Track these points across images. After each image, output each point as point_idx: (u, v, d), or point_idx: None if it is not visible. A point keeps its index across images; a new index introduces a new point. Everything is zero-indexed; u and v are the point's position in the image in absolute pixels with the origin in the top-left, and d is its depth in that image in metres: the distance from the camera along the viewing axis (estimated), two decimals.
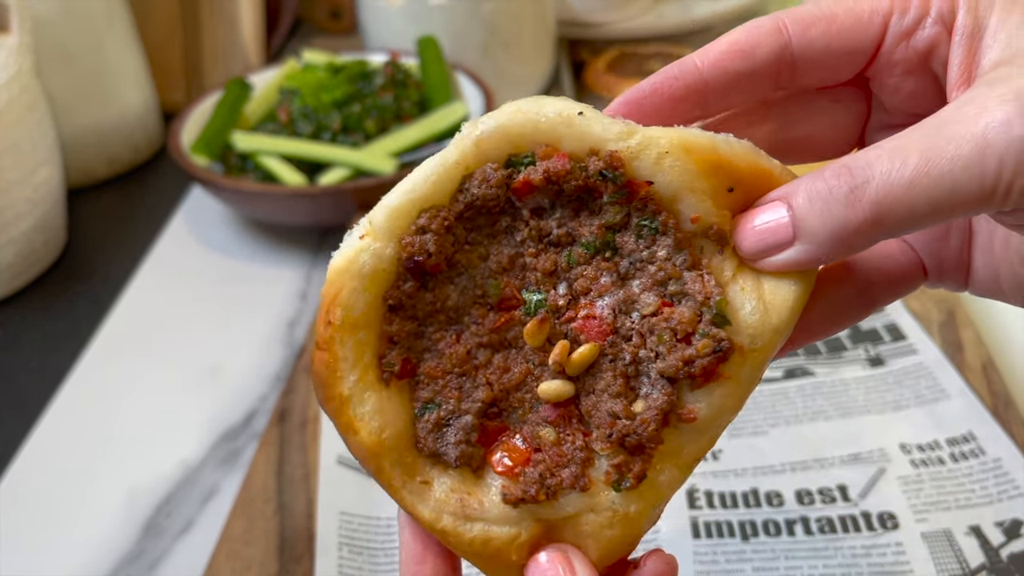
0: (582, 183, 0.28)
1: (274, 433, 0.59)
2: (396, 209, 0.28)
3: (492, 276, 0.29)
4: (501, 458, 0.28)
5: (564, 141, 0.28)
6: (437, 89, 0.92)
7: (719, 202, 0.28)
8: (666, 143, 0.28)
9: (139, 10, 1.06)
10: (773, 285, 0.28)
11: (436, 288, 0.29)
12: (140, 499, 0.61)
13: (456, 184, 0.28)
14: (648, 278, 0.28)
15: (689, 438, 0.28)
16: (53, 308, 0.81)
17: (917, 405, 0.57)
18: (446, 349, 0.29)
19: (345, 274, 0.28)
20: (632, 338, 0.28)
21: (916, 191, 0.24)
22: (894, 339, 0.62)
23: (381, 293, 0.28)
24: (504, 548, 0.28)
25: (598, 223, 0.29)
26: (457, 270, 0.29)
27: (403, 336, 0.29)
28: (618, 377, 0.28)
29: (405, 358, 0.28)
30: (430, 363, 0.29)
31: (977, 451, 0.53)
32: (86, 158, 0.98)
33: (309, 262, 0.84)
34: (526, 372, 0.29)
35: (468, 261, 0.29)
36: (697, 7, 1.20)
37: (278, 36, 1.19)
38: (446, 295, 0.29)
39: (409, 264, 0.28)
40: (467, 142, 0.28)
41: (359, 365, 0.28)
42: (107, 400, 0.69)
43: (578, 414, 0.29)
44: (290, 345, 0.74)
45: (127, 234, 0.91)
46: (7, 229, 0.78)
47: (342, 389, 0.28)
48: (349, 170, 0.83)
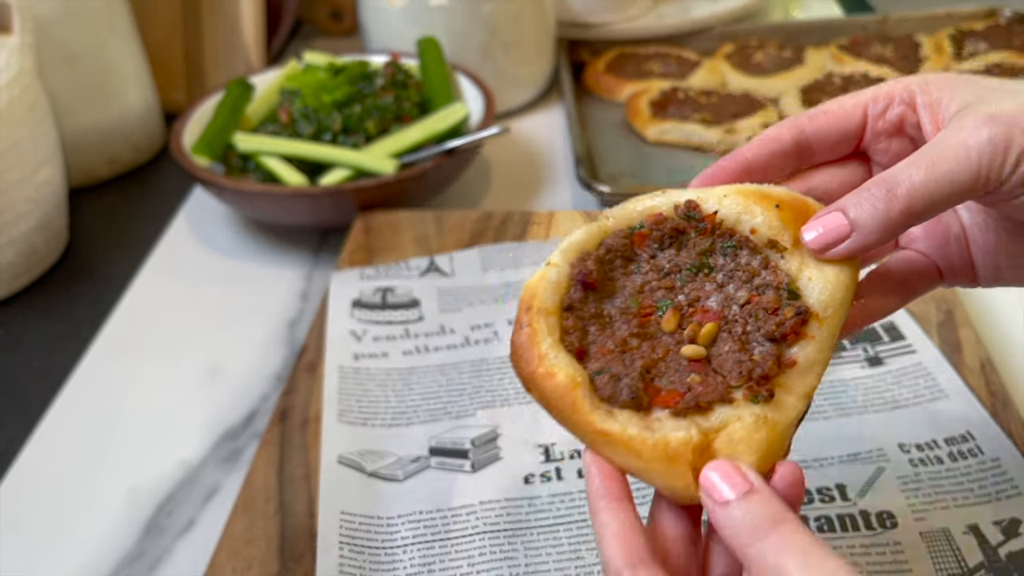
0: (675, 226, 0.41)
1: (275, 432, 0.60)
2: (568, 249, 0.42)
3: (631, 296, 0.42)
4: (663, 397, 0.38)
5: (660, 207, 0.42)
6: (437, 90, 0.92)
7: (770, 218, 0.40)
8: (724, 190, 0.41)
9: (140, 11, 1.06)
10: (831, 271, 0.39)
11: (595, 302, 0.41)
12: (141, 498, 0.61)
13: (598, 241, 0.42)
14: (738, 280, 0.41)
15: (796, 379, 0.39)
16: (55, 308, 0.82)
17: (915, 404, 0.57)
18: (607, 339, 0.40)
19: (540, 282, 0.40)
20: (738, 320, 0.40)
21: (931, 185, 0.37)
22: (892, 339, 0.62)
23: (561, 297, 0.40)
24: (682, 448, 0.36)
25: (695, 252, 0.42)
26: (606, 293, 0.42)
27: (576, 328, 0.40)
28: (736, 342, 0.39)
29: (579, 343, 0.40)
30: (597, 346, 0.40)
31: (975, 450, 0.53)
32: (87, 158, 0.98)
33: (310, 262, 0.84)
34: (667, 349, 0.40)
35: (612, 288, 0.42)
36: (697, 8, 1.20)
37: (279, 37, 1.20)
38: (601, 308, 0.41)
39: (578, 277, 0.41)
40: (604, 220, 0.43)
41: (552, 335, 0.40)
42: (109, 400, 0.70)
43: (712, 369, 0.39)
44: (291, 345, 0.74)
45: (129, 234, 0.92)
46: (8, 229, 0.79)
47: (541, 349, 0.39)
48: (350, 171, 0.83)
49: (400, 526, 0.53)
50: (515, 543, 0.51)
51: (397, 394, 0.62)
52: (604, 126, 1.02)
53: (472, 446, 0.58)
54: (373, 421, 0.60)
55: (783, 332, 0.39)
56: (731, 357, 0.39)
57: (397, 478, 0.56)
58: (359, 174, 0.83)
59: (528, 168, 0.98)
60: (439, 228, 0.79)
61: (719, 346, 0.40)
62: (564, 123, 1.06)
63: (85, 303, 0.82)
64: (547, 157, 1.00)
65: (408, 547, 0.52)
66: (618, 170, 0.94)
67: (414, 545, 0.52)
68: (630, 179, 0.92)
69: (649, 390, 0.38)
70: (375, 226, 0.79)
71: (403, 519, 0.53)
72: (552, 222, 0.79)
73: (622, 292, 0.42)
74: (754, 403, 0.37)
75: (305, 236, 0.87)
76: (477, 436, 0.59)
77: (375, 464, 0.57)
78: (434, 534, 0.52)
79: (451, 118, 0.87)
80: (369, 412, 0.61)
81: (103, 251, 0.90)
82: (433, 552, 0.51)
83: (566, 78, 1.07)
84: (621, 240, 0.42)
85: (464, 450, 0.58)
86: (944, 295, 0.67)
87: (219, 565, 0.51)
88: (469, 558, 0.51)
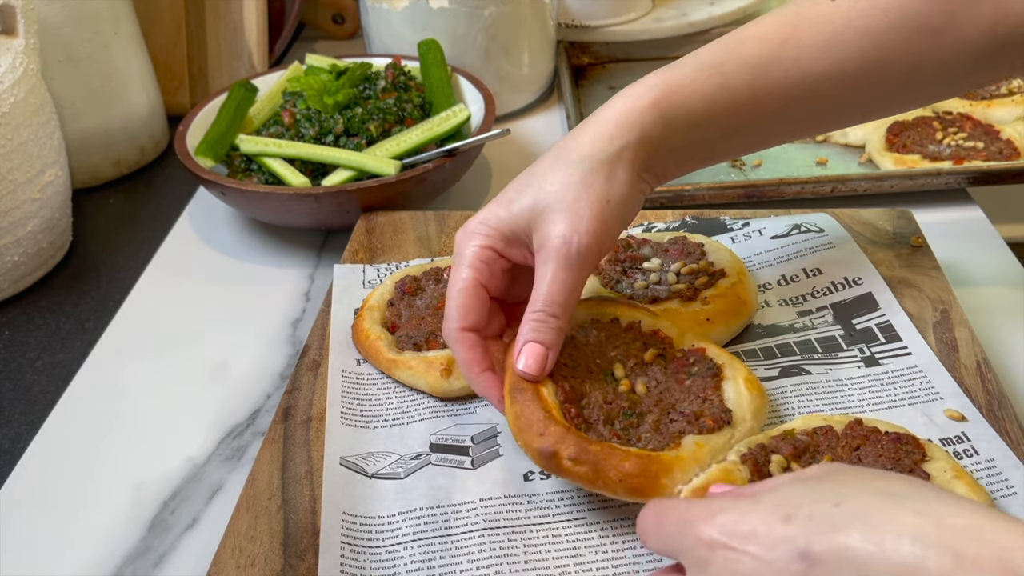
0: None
1: (278, 431, 0.60)
2: (395, 275, 0.69)
3: (433, 296, 0.67)
4: (434, 344, 0.63)
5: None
6: (439, 92, 0.93)
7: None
8: None
9: (145, 13, 1.07)
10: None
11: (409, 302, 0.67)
12: (146, 496, 0.62)
13: (418, 271, 0.70)
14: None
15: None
16: (60, 308, 0.82)
17: (911, 405, 0.58)
18: (413, 318, 0.65)
19: (372, 294, 0.66)
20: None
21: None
22: (888, 340, 0.63)
23: (386, 300, 0.66)
24: (436, 360, 0.62)
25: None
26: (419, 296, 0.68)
27: (395, 315, 0.66)
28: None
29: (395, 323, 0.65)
30: (404, 321, 0.66)
31: (971, 451, 0.54)
32: (92, 159, 0.99)
33: (313, 262, 0.85)
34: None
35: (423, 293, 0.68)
36: (695, 12, 1.21)
37: (282, 40, 1.20)
38: (414, 302, 0.67)
39: (400, 287, 0.69)
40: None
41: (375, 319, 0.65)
42: (113, 398, 0.70)
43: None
44: (294, 344, 0.74)
45: (133, 235, 0.92)
46: (14, 230, 0.79)
47: (365, 325, 0.65)
48: (352, 172, 0.83)
49: (401, 523, 0.54)
50: (515, 540, 0.52)
51: (399, 395, 0.63)
52: None
53: (472, 443, 0.59)
54: (375, 423, 0.61)
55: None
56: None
57: (398, 475, 0.57)
58: (361, 175, 0.83)
59: None
60: (441, 229, 0.80)
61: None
62: (564, 124, 1.07)
63: (90, 303, 0.83)
64: None
65: (409, 544, 0.52)
66: None
67: (414, 542, 0.52)
68: None
69: (431, 343, 0.63)
70: (377, 227, 0.80)
71: (404, 516, 0.54)
72: None
73: (431, 295, 0.68)
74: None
75: (308, 236, 0.88)
76: (477, 433, 0.59)
77: (376, 466, 0.58)
78: (435, 531, 0.53)
79: (453, 120, 0.88)
80: (371, 415, 0.61)
81: (108, 251, 0.90)
82: (434, 548, 0.52)
83: (566, 80, 1.08)
84: (435, 269, 0.70)
85: (464, 447, 0.58)
86: (940, 295, 0.67)
87: (223, 562, 0.51)
88: (469, 554, 0.51)
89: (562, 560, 0.50)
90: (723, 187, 0.86)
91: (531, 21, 1.05)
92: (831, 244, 0.71)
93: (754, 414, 0.53)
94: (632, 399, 0.54)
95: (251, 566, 0.51)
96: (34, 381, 0.74)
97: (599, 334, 0.58)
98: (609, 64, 1.19)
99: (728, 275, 0.66)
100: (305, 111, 0.89)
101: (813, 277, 0.69)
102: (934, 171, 0.85)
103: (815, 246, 0.71)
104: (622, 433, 0.52)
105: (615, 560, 0.50)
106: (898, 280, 0.69)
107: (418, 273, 0.71)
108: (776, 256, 0.72)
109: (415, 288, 0.69)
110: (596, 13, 1.18)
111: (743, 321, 0.64)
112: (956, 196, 0.88)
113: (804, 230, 0.73)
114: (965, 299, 0.68)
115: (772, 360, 0.62)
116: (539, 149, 1.03)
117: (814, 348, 0.63)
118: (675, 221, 0.77)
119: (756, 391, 0.55)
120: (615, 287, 0.67)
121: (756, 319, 0.66)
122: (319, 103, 0.88)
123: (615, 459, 0.49)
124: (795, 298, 0.68)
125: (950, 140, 0.91)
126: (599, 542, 0.51)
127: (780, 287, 0.69)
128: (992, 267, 0.78)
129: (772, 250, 0.72)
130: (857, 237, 0.73)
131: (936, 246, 0.73)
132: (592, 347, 0.58)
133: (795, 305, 0.67)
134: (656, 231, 0.76)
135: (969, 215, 0.86)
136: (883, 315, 0.64)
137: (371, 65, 0.95)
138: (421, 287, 0.70)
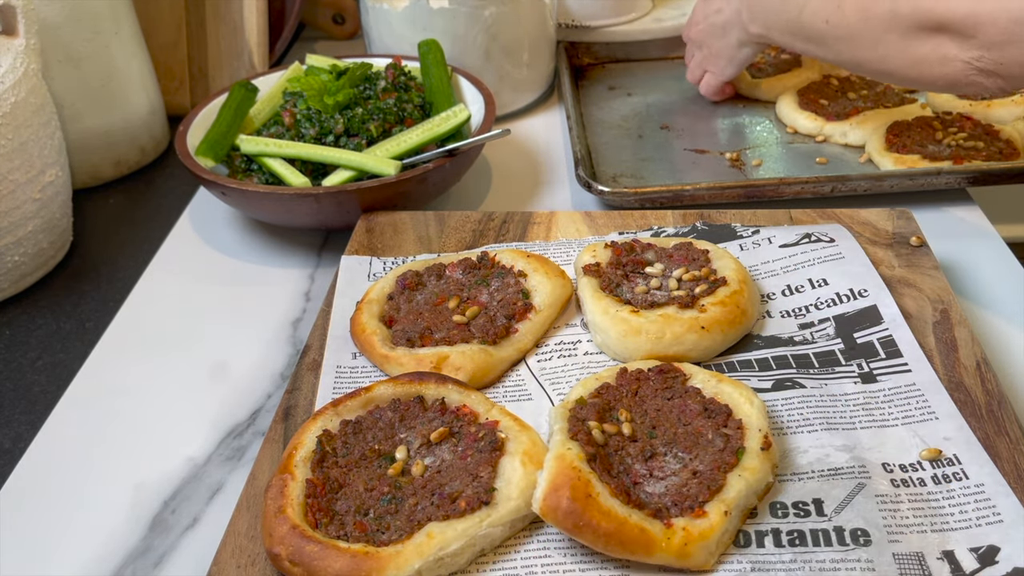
0: (473, 263, 0.73)
1: (278, 430, 0.60)
2: (401, 267, 0.74)
3: (433, 292, 0.70)
4: (428, 340, 0.66)
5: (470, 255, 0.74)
6: (439, 92, 0.93)
7: (523, 261, 0.71)
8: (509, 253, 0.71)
9: (145, 14, 1.07)
10: (550, 286, 0.68)
11: (409, 297, 0.70)
12: (147, 495, 0.62)
13: (428, 264, 0.74)
14: (496, 289, 0.69)
15: (516, 340, 0.66)
16: (60, 308, 0.82)
17: (904, 424, 0.56)
18: (409, 314, 0.69)
19: (374, 287, 0.72)
20: (490, 308, 0.67)
21: None
22: (889, 356, 0.61)
23: (386, 293, 0.72)
24: (426, 358, 0.64)
25: (481, 275, 0.71)
26: (419, 291, 0.71)
27: (392, 309, 0.70)
28: (487, 317, 0.66)
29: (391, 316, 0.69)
30: (401, 315, 0.69)
31: (960, 474, 0.52)
32: (93, 159, 0.99)
33: (313, 262, 0.85)
34: (445, 319, 0.67)
35: (424, 288, 0.71)
36: None
37: (282, 40, 1.20)
38: (414, 296, 0.70)
39: (401, 281, 0.71)
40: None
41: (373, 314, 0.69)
42: (113, 398, 0.70)
43: (468, 330, 0.65)
44: (294, 344, 0.75)
45: (133, 235, 0.92)
46: (15, 229, 0.80)
47: (363, 319, 0.68)
48: (353, 172, 0.84)
49: None
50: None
51: None
52: (604, 127, 1.03)
53: None
54: None
55: (515, 312, 0.65)
56: (480, 323, 0.65)
57: None
58: (362, 175, 0.84)
59: (529, 169, 0.99)
60: (441, 228, 0.80)
61: (477, 319, 0.65)
62: (564, 124, 1.07)
63: (90, 302, 0.83)
64: (547, 158, 1.01)
65: None
66: (618, 171, 0.94)
67: None
68: (629, 180, 0.93)
69: (424, 339, 0.64)
70: (377, 227, 0.80)
71: None
72: (552, 222, 0.80)
73: (431, 290, 0.70)
74: (483, 344, 0.62)
75: (308, 237, 0.88)
76: None
77: None
78: None
79: (453, 120, 0.88)
80: None
81: (108, 251, 0.91)
82: None
83: (566, 80, 1.08)
84: (438, 265, 0.71)
85: None
86: (940, 294, 0.67)
87: (223, 561, 0.52)
88: None
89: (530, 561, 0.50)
90: (723, 187, 0.86)
91: (531, 21, 1.05)
92: (840, 255, 0.70)
93: (522, 492, 0.51)
94: (399, 484, 0.53)
95: (251, 566, 0.51)
96: (35, 381, 0.74)
97: (393, 415, 0.57)
98: (609, 64, 1.20)
99: (729, 283, 0.65)
100: (305, 111, 0.89)
101: (818, 288, 0.68)
102: (934, 171, 0.85)
103: (824, 256, 0.70)
104: (372, 523, 0.51)
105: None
106: (898, 280, 0.69)
107: (421, 268, 0.71)
108: (783, 266, 0.71)
109: (416, 283, 0.70)
110: (596, 13, 1.18)
111: (740, 331, 0.64)
112: (956, 196, 0.88)
113: (814, 239, 0.72)
114: (965, 299, 0.68)
115: (767, 372, 0.61)
116: (539, 149, 1.03)
117: (811, 363, 0.62)
118: (685, 227, 0.77)
119: (533, 466, 0.52)
120: (615, 291, 0.67)
121: (756, 329, 0.65)
122: (319, 103, 0.89)
123: (329, 559, 0.48)
124: (798, 309, 0.67)
125: (950, 140, 0.91)
126: None
127: (784, 297, 0.68)
128: (992, 267, 0.78)
129: (780, 259, 0.71)
130: (857, 237, 0.73)
131: (936, 246, 0.73)
132: (381, 429, 0.56)
133: (797, 317, 0.66)
134: (665, 236, 0.75)
135: (969, 215, 0.86)
136: (886, 329, 0.63)
137: (371, 65, 0.95)
138: (422, 282, 0.70)
